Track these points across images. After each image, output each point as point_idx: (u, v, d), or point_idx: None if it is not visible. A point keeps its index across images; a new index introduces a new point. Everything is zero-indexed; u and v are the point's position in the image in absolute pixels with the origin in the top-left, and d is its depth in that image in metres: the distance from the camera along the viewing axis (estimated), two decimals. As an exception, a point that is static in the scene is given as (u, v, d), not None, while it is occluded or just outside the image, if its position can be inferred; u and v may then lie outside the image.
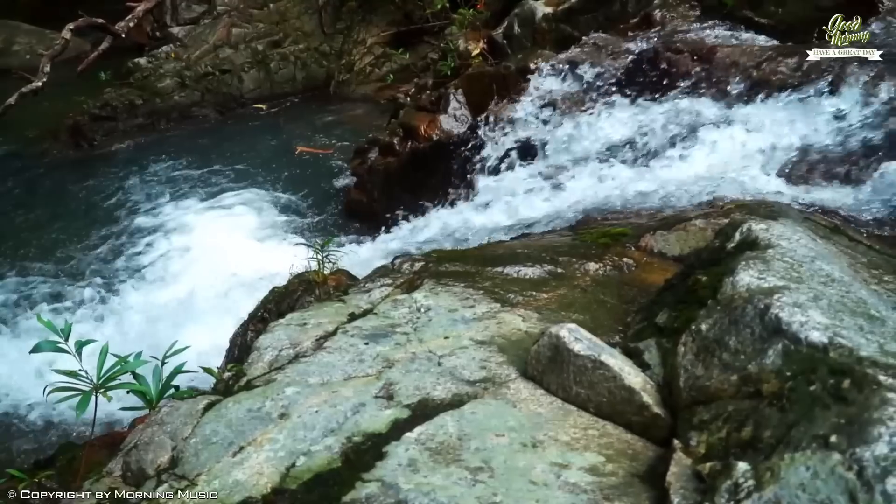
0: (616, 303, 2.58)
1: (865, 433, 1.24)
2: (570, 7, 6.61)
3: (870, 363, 1.43)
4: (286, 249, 5.54)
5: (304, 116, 11.03)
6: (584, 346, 1.85)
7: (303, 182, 8.61)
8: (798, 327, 1.57)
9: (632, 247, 3.13)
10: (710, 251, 2.24)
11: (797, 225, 2.25)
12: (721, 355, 1.70)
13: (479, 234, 4.47)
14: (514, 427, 1.76)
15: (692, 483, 1.45)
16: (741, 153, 3.99)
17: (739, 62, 4.58)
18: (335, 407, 1.91)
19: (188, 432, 1.95)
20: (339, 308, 2.71)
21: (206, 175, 8.97)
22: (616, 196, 4.14)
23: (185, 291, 6.06)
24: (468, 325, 2.36)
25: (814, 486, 1.22)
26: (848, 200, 3.39)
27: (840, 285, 1.83)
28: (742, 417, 1.51)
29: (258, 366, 2.34)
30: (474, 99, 6.42)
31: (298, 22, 12.27)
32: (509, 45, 6.98)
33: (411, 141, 6.73)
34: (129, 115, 10.79)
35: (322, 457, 1.71)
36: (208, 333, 4.69)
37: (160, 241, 7.25)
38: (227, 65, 11.55)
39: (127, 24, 10.50)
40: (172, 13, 11.87)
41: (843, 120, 3.83)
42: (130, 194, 8.57)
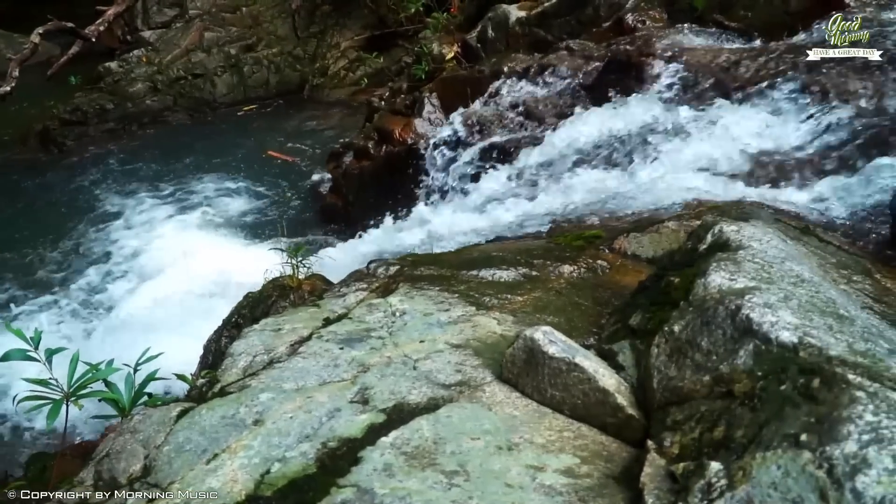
0: (590, 305, 2.59)
1: (835, 431, 1.26)
2: (543, 11, 6.65)
3: (839, 362, 1.45)
4: (260, 254, 5.52)
5: (277, 121, 10.98)
6: (558, 348, 1.86)
7: (277, 186, 8.57)
8: (769, 327, 1.59)
9: (606, 249, 3.15)
10: (683, 253, 2.26)
11: (768, 226, 2.28)
12: (693, 356, 1.71)
13: (454, 238, 4.48)
14: (490, 430, 1.76)
15: (666, 483, 1.46)
16: (712, 155, 4.02)
17: (710, 65, 4.63)
18: (310, 412, 1.90)
19: (161, 440, 1.93)
20: (313, 313, 2.70)
21: (179, 180, 8.90)
22: (589, 199, 4.16)
23: (158, 298, 6.00)
24: (443, 328, 2.36)
25: (785, 485, 1.24)
26: (812, 203, 3.43)
27: (810, 285, 1.85)
28: (714, 417, 1.53)
29: (232, 372, 2.32)
30: (449, 102, 6.42)
31: (272, 26, 12.22)
32: (483, 49, 7.00)
33: (386, 144, 6.73)
34: (99, 119, 10.68)
35: (297, 463, 1.70)
36: (182, 340, 4.63)
37: (132, 247, 7.17)
38: (199, 69, 11.47)
39: (97, 28, 10.40)
40: (144, 17, 11.77)
41: (808, 123, 3.89)
42: (101, 200, 8.48)
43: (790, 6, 4.95)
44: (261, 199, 8.25)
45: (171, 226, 7.55)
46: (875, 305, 2.03)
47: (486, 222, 4.56)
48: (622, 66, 5.09)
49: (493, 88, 5.90)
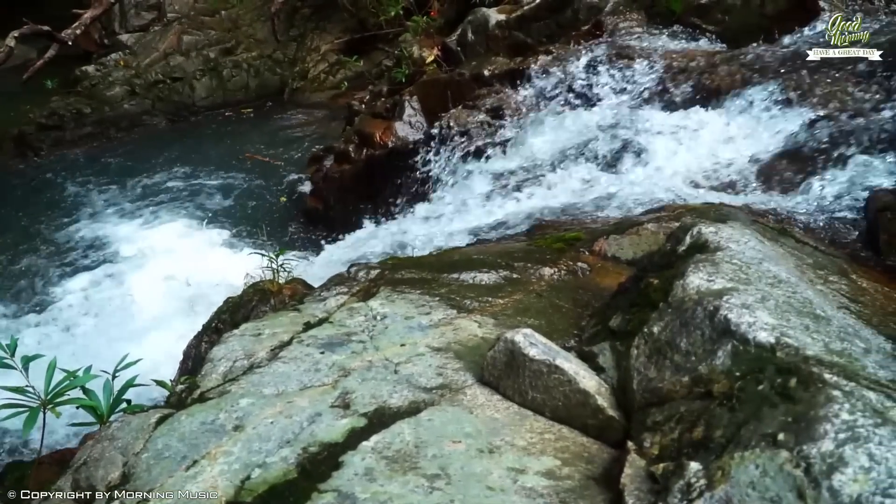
0: (571, 307, 2.60)
1: (812, 430, 1.27)
2: (522, 14, 6.68)
3: (815, 362, 1.46)
4: (241, 259, 5.49)
5: (257, 124, 10.94)
6: (539, 350, 1.86)
7: (258, 190, 8.53)
8: (746, 328, 1.61)
9: (586, 251, 3.16)
10: (662, 254, 2.28)
11: (745, 228, 2.30)
12: (673, 357, 1.72)
13: (435, 241, 4.48)
14: (471, 433, 1.76)
15: (646, 484, 1.47)
16: (690, 157, 4.06)
17: (688, 68, 4.67)
18: (291, 417, 1.89)
19: (140, 447, 1.91)
20: (294, 317, 2.69)
21: (158, 184, 8.83)
22: (570, 201, 4.18)
23: (137, 303, 5.95)
24: (424, 332, 2.36)
25: (763, 484, 1.25)
26: (789, 204, 3.47)
27: (787, 286, 1.87)
28: (694, 418, 1.54)
29: (212, 377, 2.30)
30: (429, 106, 6.44)
31: (251, 29, 12.18)
32: (463, 52, 7.02)
33: (367, 148, 6.72)
34: (76, 124, 10.59)
35: (278, 468, 1.69)
36: (162, 345, 4.61)
37: (110, 251, 7.12)
38: (178, 72, 11.40)
39: (74, 32, 10.30)
40: (121, 20, 11.69)
41: (785, 126, 3.93)
42: (79, 205, 8.40)
43: (766, 10, 5.01)
44: (241, 204, 8.20)
45: (149, 231, 7.49)
46: (851, 305, 2.06)
47: (466, 225, 4.57)
48: (601, 68, 5.12)
49: (473, 91, 5.92)
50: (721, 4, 5.31)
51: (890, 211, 2.90)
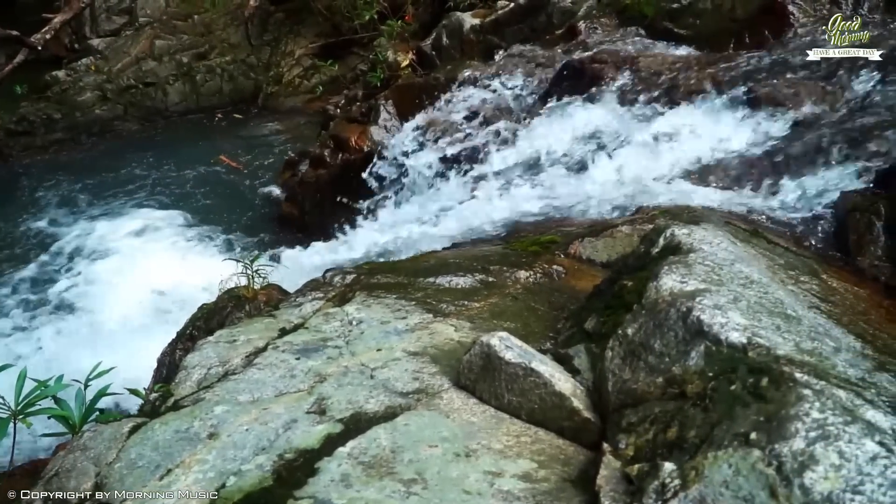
0: (547, 310, 2.61)
1: (783, 429, 1.28)
2: (496, 19, 6.71)
3: (786, 361, 1.48)
4: (216, 265, 5.43)
5: (231, 129, 10.87)
6: (514, 353, 1.87)
7: (233, 196, 8.47)
8: (719, 329, 1.62)
9: (561, 254, 3.17)
10: (636, 256, 2.29)
11: (718, 229, 2.32)
12: (647, 358, 1.73)
13: (411, 245, 4.47)
14: (448, 437, 1.76)
15: (622, 485, 1.48)
16: (663, 160, 4.09)
17: (660, 71, 4.72)
18: (266, 424, 1.88)
19: (112, 457, 1.89)
20: (269, 323, 2.67)
21: (131, 191, 8.74)
22: (544, 205, 4.20)
23: (110, 311, 5.88)
24: (400, 336, 2.36)
25: (736, 483, 1.26)
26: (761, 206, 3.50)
27: (758, 287, 1.89)
28: (668, 418, 1.55)
29: (186, 385, 2.28)
30: (404, 110, 6.44)
31: (224, 34, 12.10)
32: (438, 56, 7.03)
33: (342, 153, 6.71)
34: (47, 129, 10.45)
35: (253, 476, 1.67)
36: (136, 353, 4.55)
37: (81, 259, 7.02)
38: (150, 77, 11.30)
39: (44, 36, 10.18)
40: (92, 24, 11.55)
41: (756, 128, 3.97)
42: (48, 212, 8.28)
43: (736, 14, 5.07)
44: (215, 209, 8.14)
45: (122, 237, 7.40)
46: (821, 305, 2.08)
47: (442, 229, 4.57)
48: (575, 72, 5.16)
49: (448, 95, 5.93)
50: (692, 9, 5.37)
51: (859, 211, 2.94)
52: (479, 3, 7.44)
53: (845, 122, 3.75)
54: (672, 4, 5.47)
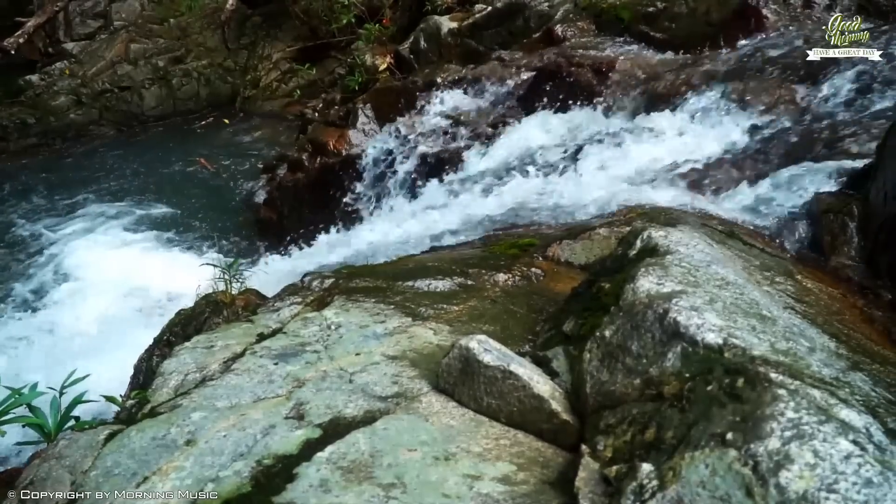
0: (525, 312, 2.62)
1: (759, 429, 1.29)
2: (474, 22, 6.73)
3: (762, 361, 1.49)
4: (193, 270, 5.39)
5: (209, 133, 10.80)
6: (493, 356, 1.87)
7: (210, 201, 8.42)
8: (695, 330, 1.63)
9: (540, 257, 3.18)
10: (614, 259, 2.30)
11: (694, 231, 2.34)
12: (624, 360, 1.74)
13: (389, 249, 4.47)
14: (427, 441, 1.75)
15: (600, 487, 1.48)
16: (641, 163, 4.12)
17: (637, 75, 4.75)
18: (244, 430, 1.86)
19: (88, 465, 1.86)
20: (247, 328, 2.65)
21: (106, 196, 8.66)
22: (523, 207, 4.21)
23: (85, 317, 5.81)
24: (379, 340, 2.35)
25: (713, 483, 1.27)
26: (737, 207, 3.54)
27: (734, 288, 1.91)
28: (646, 420, 1.56)
29: (163, 391, 2.26)
30: (383, 113, 6.44)
31: (201, 37, 12.02)
32: (416, 60, 7.04)
33: (321, 156, 6.69)
34: (20, 134, 10.34)
35: (231, 482, 1.66)
36: (112, 360, 4.50)
37: (56, 265, 6.94)
38: (126, 81, 11.20)
39: (17, 40, 10.07)
40: (66, 28, 11.43)
41: (732, 130, 4.01)
42: (21, 217, 8.18)
43: (711, 18, 5.12)
44: (193, 214, 8.08)
45: (97, 243, 7.33)
46: (796, 305, 2.11)
47: (421, 232, 4.57)
48: (553, 76, 5.18)
49: (427, 99, 5.93)
50: (668, 13, 5.41)
51: (832, 213, 2.98)
52: (456, 6, 7.45)
53: (819, 123, 3.80)
54: (648, 8, 5.51)
